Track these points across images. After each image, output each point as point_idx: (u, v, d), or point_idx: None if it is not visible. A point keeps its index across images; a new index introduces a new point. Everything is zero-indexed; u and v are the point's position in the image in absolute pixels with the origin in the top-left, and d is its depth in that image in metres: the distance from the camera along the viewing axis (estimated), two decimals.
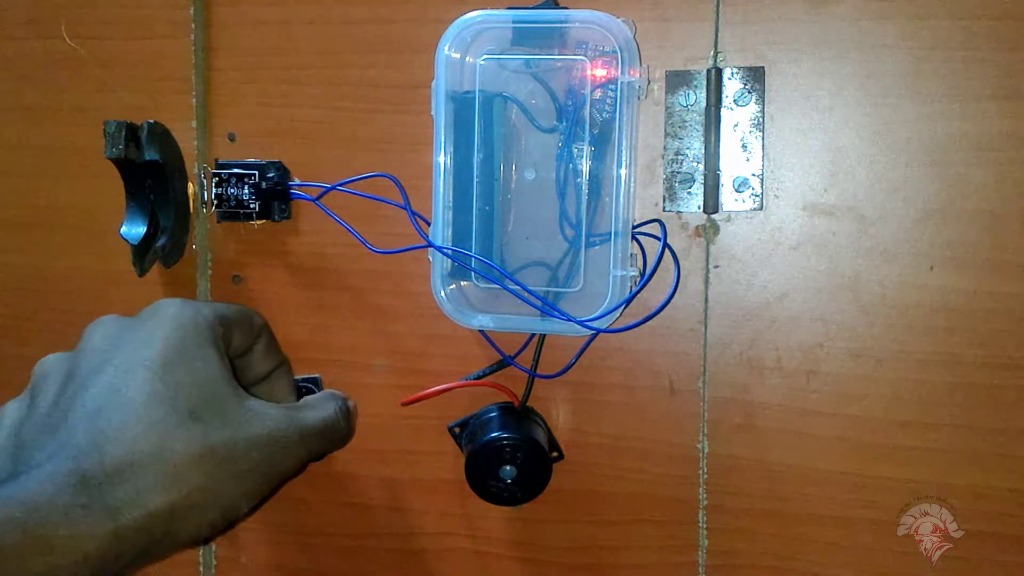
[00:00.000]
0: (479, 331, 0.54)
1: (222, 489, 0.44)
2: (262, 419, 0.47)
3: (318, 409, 0.51)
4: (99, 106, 0.58)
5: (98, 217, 0.59)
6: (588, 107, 0.51)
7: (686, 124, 0.52)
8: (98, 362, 0.45)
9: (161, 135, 0.55)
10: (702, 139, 0.52)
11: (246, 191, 0.56)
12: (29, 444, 0.42)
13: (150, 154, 0.53)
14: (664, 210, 0.53)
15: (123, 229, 0.54)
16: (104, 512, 0.39)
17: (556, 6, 0.51)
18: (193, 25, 0.57)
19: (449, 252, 0.51)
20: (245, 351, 0.52)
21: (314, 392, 0.56)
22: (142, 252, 0.54)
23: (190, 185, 0.57)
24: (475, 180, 0.51)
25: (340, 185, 0.54)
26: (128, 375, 0.43)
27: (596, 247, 0.51)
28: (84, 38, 0.59)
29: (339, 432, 0.52)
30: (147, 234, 0.54)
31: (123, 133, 0.51)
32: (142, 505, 0.40)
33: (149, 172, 0.54)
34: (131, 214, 0.54)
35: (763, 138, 0.52)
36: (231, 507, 0.45)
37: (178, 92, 0.57)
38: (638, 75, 0.49)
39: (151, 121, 0.54)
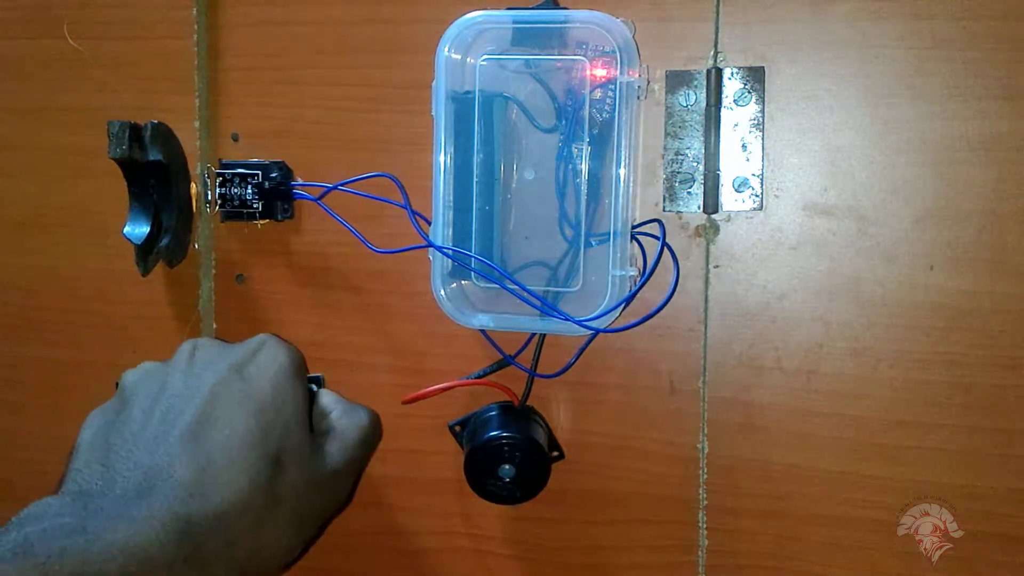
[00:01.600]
0: (479, 331, 0.54)
1: (291, 538, 0.44)
2: (326, 459, 0.47)
3: (353, 432, 0.50)
4: (100, 106, 0.59)
5: (99, 217, 0.59)
6: (588, 107, 0.51)
7: (686, 124, 0.52)
8: (196, 385, 0.43)
9: (165, 135, 0.55)
10: (702, 139, 0.52)
11: (249, 191, 0.56)
12: (121, 453, 0.40)
13: (154, 154, 0.53)
14: (664, 210, 0.53)
15: (126, 229, 0.54)
16: (199, 566, 0.38)
17: (556, 6, 0.51)
18: (196, 26, 0.57)
19: (449, 252, 0.52)
20: None
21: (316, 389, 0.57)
22: (146, 252, 0.54)
23: (192, 185, 0.57)
24: (475, 180, 0.52)
25: (342, 185, 0.54)
26: (228, 409, 0.42)
27: (596, 247, 0.52)
28: (86, 38, 0.59)
29: (374, 444, 0.53)
30: (151, 234, 0.54)
31: (127, 133, 0.51)
32: (229, 557, 0.39)
33: (152, 172, 0.54)
34: (134, 214, 0.54)
35: (763, 138, 0.52)
36: (289, 550, 0.44)
37: (180, 93, 0.58)
38: (638, 75, 0.49)
39: (155, 121, 0.54)
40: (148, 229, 0.54)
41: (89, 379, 0.60)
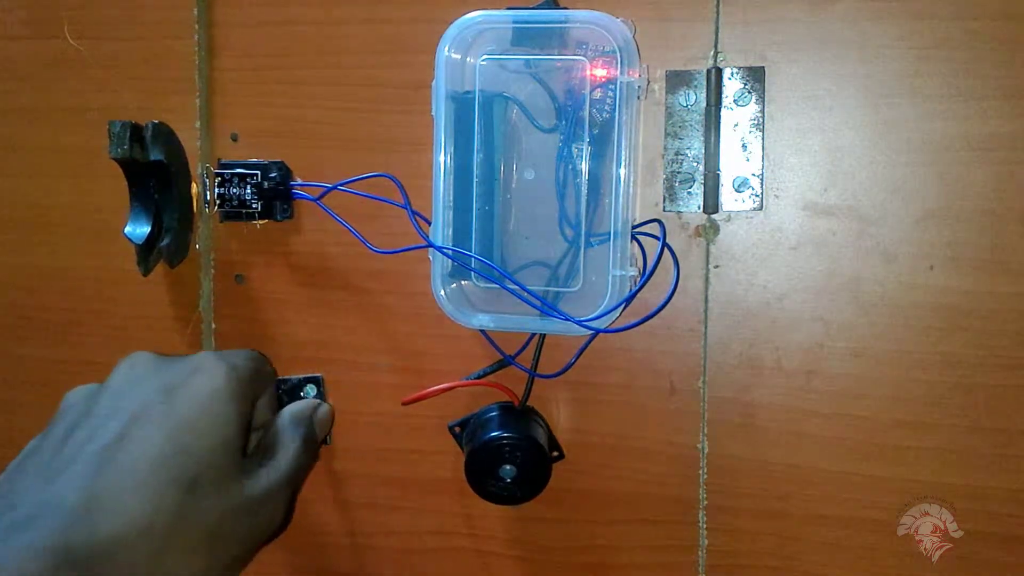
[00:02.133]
0: (479, 331, 0.54)
1: (203, 563, 0.41)
2: (255, 483, 0.45)
3: (287, 448, 0.49)
4: (101, 106, 0.59)
5: (99, 217, 0.59)
6: (588, 107, 0.51)
7: (686, 124, 0.52)
8: (118, 407, 0.43)
9: (166, 135, 0.55)
10: (702, 139, 0.52)
11: (248, 191, 0.56)
12: (27, 481, 0.40)
13: (155, 154, 0.53)
14: (664, 210, 0.53)
15: (127, 229, 0.54)
16: None
17: (556, 6, 0.51)
18: (197, 26, 0.57)
19: (449, 252, 0.52)
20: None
21: (314, 392, 0.57)
22: (146, 252, 0.54)
23: (193, 185, 0.57)
24: (475, 180, 0.52)
25: (341, 185, 0.54)
26: (144, 431, 0.41)
27: (596, 247, 0.52)
28: (86, 38, 0.59)
29: (307, 468, 0.51)
30: (151, 234, 0.54)
31: (128, 133, 0.51)
32: None
33: (153, 172, 0.54)
34: (135, 214, 0.54)
35: (763, 138, 0.52)
36: None
37: (181, 92, 0.58)
38: (638, 75, 0.49)
39: (156, 121, 0.54)
40: (149, 229, 0.54)
41: (90, 379, 0.59)
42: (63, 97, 0.59)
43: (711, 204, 0.52)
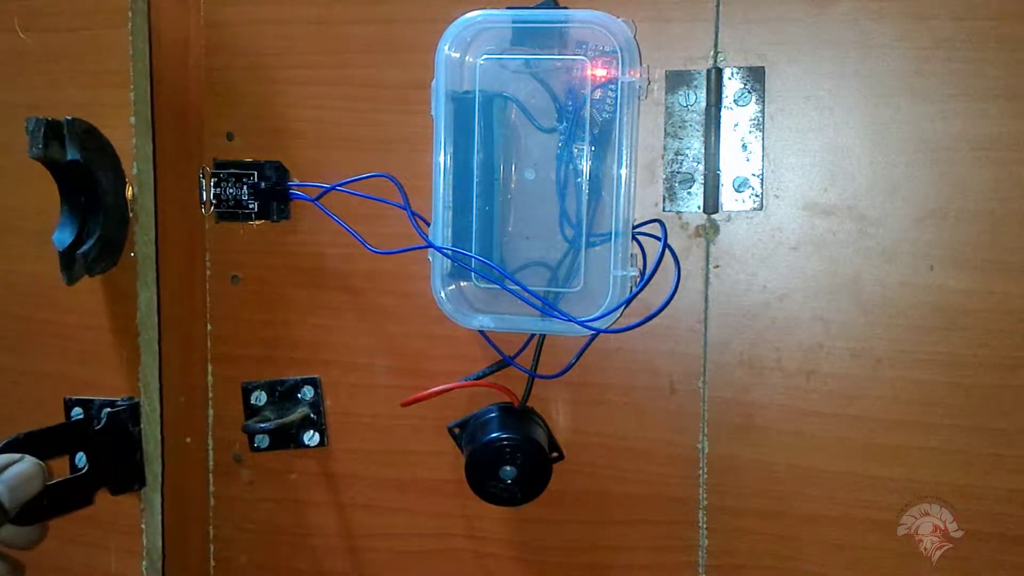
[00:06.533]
0: (479, 331, 0.54)
1: None
2: None
3: None
4: (39, 103, 0.55)
5: (44, 220, 0.54)
6: (588, 107, 0.51)
7: (686, 124, 0.52)
8: None
9: (84, 133, 0.50)
10: (702, 139, 0.52)
11: (244, 191, 0.56)
12: None
13: (72, 153, 0.49)
14: (664, 210, 0.53)
15: (55, 234, 0.51)
16: None
17: (556, 6, 0.51)
18: (131, 13, 0.53)
19: (449, 252, 0.51)
20: None
21: (312, 393, 0.57)
22: (69, 259, 0.50)
23: (128, 187, 0.53)
24: (475, 180, 0.51)
25: (339, 185, 0.54)
26: None
27: (596, 247, 0.51)
28: (32, 31, 0.56)
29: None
30: (74, 240, 0.50)
31: (43, 131, 0.47)
32: None
33: (77, 173, 0.50)
34: (63, 218, 0.51)
35: (763, 138, 0.52)
36: None
37: (116, 86, 0.53)
38: (638, 75, 0.49)
39: (71, 118, 0.50)
40: (72, 235, 0.50)
41: (38, 390, 0.57)
42: (11, 94, 0.56)
43: (711, 204, 0.52)
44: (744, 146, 0.52)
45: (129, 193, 0.53)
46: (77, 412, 0.56)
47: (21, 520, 0.42)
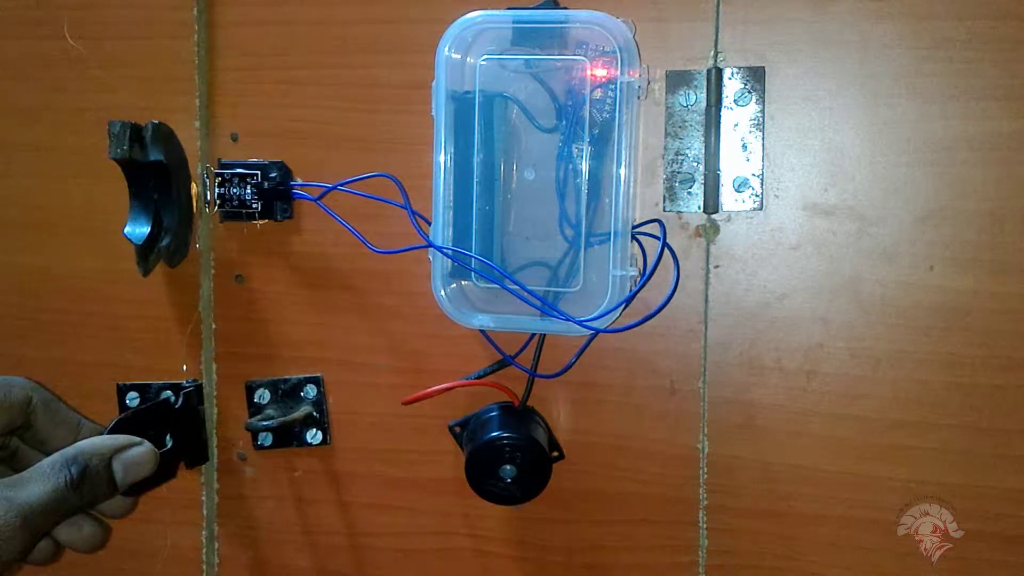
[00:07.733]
0: (479, 331, 0.54)
1: None
2: None
3: (42, 482, 0.41)
4: (100, 106, 0.59)
5: (99, 217, 0.59)
6: (588, 107, 0.51)
7: (686, 124, 0.52)
8: None
9: (166, 136, 0.55)
10: (702, 139, 0.52)
11: (248, 191, 0.56)
12: None
13: (155, 154, 0.53)
14: (664, 210, 0.53)
15: (127, 229, 0.54)
16: None
17: (556, 6, 0.51)
18: (196, 26, 0.57)
19: (449, 252, 0.52)
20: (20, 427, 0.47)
21: (313, 391, 0.57)
22: (146, 252, 0.54)
23: (193, 185, 0.57)
24: (475, 180, 0.52)
25: (341, 185, 0.54)
26: None
27: (596, 247, 0.52)
28: (86, 39, 0.59)
29: (70, 504, 0.42)
30: (151, 234, 0.54)
31: (127, 133, 0.51)
32: None
33: (153, 172, 0.54)
34: (135, 214, 0.54)
35: (763, 138, 0.52)
36: None
37: (181, 93, 0.58)
38: (638, 75, 0.49)
39: (156, 122, 0.54)
40: (148, 229, 0.54)
41: (89, 380, 0.60)
42: (63, 97, 0.59)
43: (711, 204, 0.52)
44: (744, 146, 0.52)
45: (194, 190, 0.57)
46: (132, 396, 0.59)
47: (126, 493, 0.45)
